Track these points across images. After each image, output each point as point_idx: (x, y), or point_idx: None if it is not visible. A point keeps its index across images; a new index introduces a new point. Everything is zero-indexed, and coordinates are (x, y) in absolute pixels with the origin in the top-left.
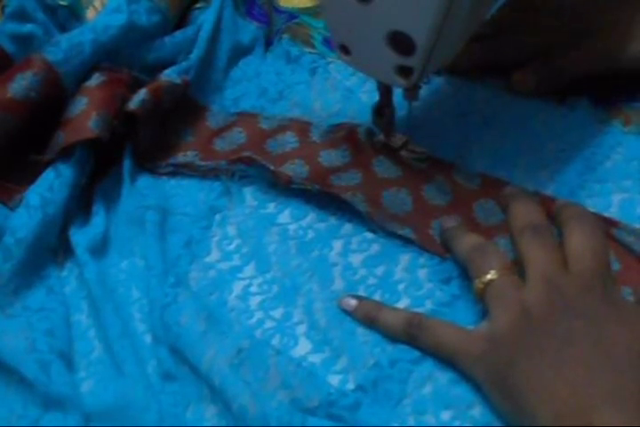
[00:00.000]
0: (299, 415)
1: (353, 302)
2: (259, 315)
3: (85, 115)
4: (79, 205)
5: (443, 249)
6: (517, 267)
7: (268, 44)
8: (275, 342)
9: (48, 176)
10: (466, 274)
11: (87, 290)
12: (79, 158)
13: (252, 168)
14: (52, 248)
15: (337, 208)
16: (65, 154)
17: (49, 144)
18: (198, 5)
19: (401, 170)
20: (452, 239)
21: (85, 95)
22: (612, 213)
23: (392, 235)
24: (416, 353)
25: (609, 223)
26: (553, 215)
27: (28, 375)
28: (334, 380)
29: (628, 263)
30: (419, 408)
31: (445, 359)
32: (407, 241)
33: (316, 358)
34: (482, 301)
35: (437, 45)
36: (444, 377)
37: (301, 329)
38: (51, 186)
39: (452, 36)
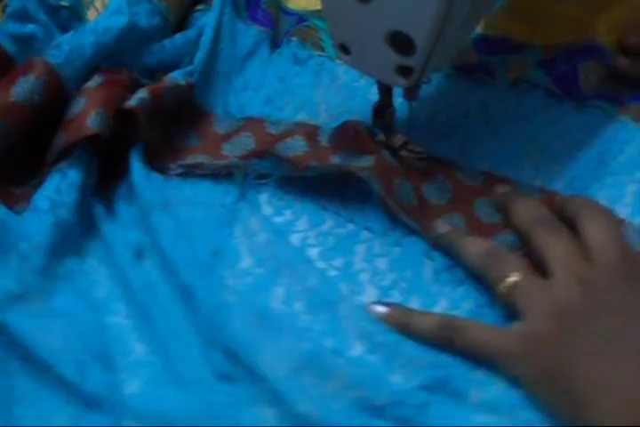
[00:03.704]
0: (359, 418)
1: (382, 310)
2: (306, 318)
3: (84, 114)
4: (105, 207)
5: None
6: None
7: (275, 46)
8: (328, 343)
9: (54, 179)
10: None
11: (122, 292)
12: (81, 158)
13: (266, 161)
14: (75, 251)
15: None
16: (68, 155)
17: (52, 147)
18: (199, 8)
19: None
20: (454, 246)
21: (85, 96)
22: (625, 203)
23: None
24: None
25: None
26: (555, 210)
27: (65, 375)
28: (396, 379)
29: None
30: (484, 408)
31: (483, 360)
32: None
33: (373, 359)
34: (508, 304)
35: (437, 45)
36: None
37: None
38: (58, 188)
39: (451, 36)
